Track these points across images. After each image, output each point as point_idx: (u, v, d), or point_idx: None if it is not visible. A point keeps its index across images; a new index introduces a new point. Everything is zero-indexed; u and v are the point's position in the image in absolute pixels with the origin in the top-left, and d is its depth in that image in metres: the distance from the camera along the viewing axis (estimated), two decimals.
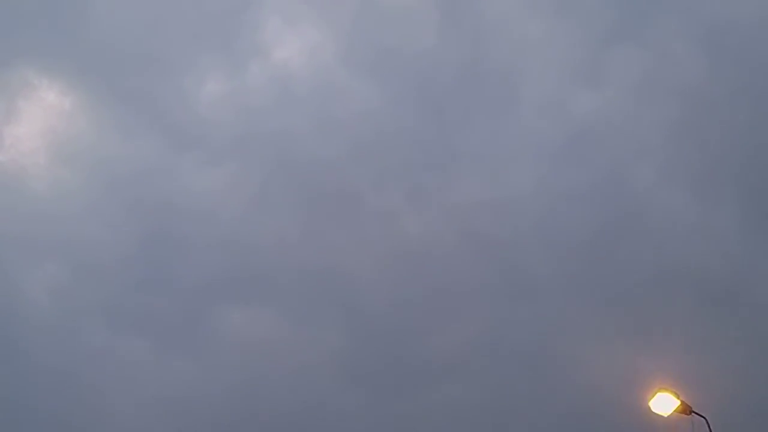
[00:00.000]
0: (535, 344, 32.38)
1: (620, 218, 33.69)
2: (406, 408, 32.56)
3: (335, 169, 36.13)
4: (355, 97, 36.64)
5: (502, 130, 36.34)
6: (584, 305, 32.92)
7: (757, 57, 33.19)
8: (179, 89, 37.17)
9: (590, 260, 33.31)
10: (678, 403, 14.72)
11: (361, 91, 36.76)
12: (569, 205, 34.16)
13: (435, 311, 34.35)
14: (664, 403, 14.92)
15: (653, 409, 15.24)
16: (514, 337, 32.71)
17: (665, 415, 15.16)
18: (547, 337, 32.52)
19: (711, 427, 14.82)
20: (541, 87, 36.42)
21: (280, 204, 36.65)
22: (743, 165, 33.17)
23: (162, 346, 35.45)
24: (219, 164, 36.74)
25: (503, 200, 34.83)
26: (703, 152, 34.28)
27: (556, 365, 31.43)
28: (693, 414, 14.87)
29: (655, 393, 15.06)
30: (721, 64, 34.31)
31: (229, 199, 36.43)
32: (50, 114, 36.54)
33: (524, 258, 33.92)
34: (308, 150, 36.60)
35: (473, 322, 33.58)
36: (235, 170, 36.81)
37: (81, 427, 32.21)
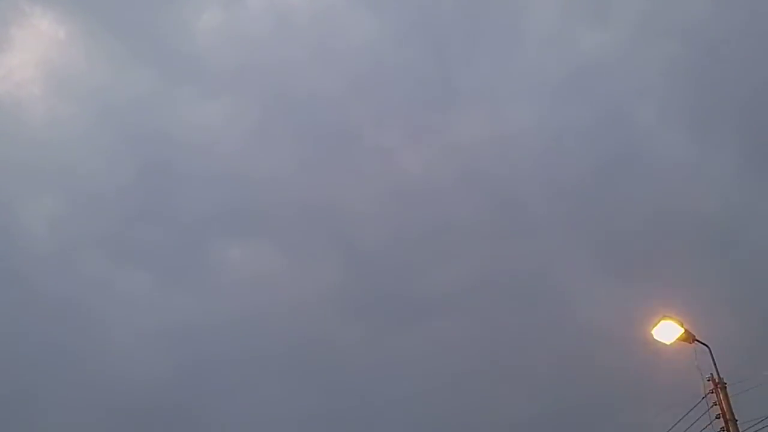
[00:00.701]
0: (531, 280, 32.18)
1: (620, 156, 33.20)
2: (403, 341, 32.52)
3: (334, 104, 35.36)
4: (355, 30, 35.63)
5: (503, 67, 35.51)
6: (581, 242, 32.69)
7: None
8: (176, 19, 36.16)
9: (589, 198, 32.93)
10: (681, 331, 14.35)
11: (362, 25, 35.77)
12: (569, 143, 33.67)
13: (433, 247, 34.10)
14: (667, 331, 14.43)
15: (656, 337, 14.79)
16: (511, 272, 32.46)
17: (668, 343, 14.82)
18: (544, 273, 32.33)
19: (713, 356, 14.54)
20: (544, 23, 35.51)
21: (278, 138, 35.99)
22: (743, 107, 32.64)
23: (161, 278, 35.21)
24: (216, 96, 35.89)
25: (503, 137, 34.21)
26: (704, 93, 33.62)
27: (553, 300, 31.34)
28: (696, 342, 14.54)
29: (659, 321, 14.68)
30: (724, 3, 33.48)
31: (227, 132, 35.72)
32: (44, 43, 35.52)
33: (523, 195, 33.53)
34: (307, 84, 35.75)
35: (470, 258, 33.35)
36: (232, 103, 35.99)
37: (81, 357, 32.13)
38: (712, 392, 14.28)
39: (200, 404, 30.75)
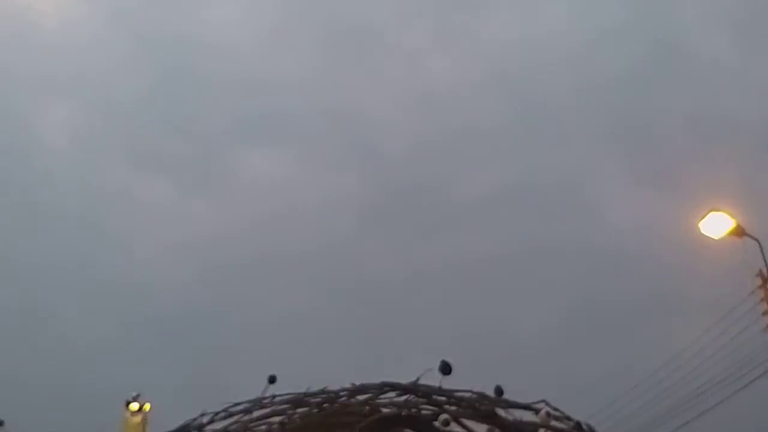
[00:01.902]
0: (561, 187, 31.53)
1: (657, 59, 31.78)
2: (426, 250, 32.23)
3: (357, 1, 34.10)
4: None
5: None
6: (615, 148, 31.84)
7: None
8: None
9: (624, 102, 31.83)
10: (732, 224, 13.74)
11: None
12: (604, 44, 32.16)
13: (459, 155, 33.35)
14: (716, 225, 13.98)
15: (703, 231, 14.29)
16: (540, 180, 31.81)
17: (716, 238, 14.25)
18: (575, 180, 31.65)
19: (764, 251, 13.97)
20: None
21: (298, 41, 34.94)
22: None
23: (181, 186, 35.01)
24: None
25: (535, 38, 32.86)
26: None
27: (585, 210, 30.73)
28: (746, 237, 13.94)
29: (707, 213, 14.11)
30: None
31: (245, 35, 34.68)
32: None
33: (554, 100, 32.31)
34: None
35: (497, 166, 32.60)
36: (249, 2, 34.88)
37: (101, 266, 32.25)
38: (761, 287, 13.88)
39: (222, 311, 30.91)
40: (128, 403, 13.95)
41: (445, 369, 4.91)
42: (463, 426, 5.09)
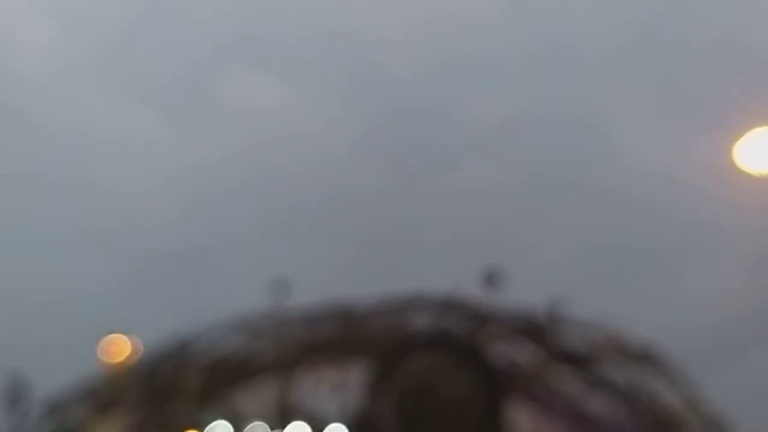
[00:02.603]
0: (582, 124, 31.06)
1: None
2: (433, 189, 31.91)
3: None
4: None
5: None
6: (642, 81, 31.19)
7: None
8: None
9: (652, 28, 31.14)
10: None
11: None
12: None
13: (469, 83, 32.61)
14: (761, 150, 11.98)
15: (740, 163, 12.07)
16: (559, 115, 31.27)
17: (756, 174, 12.05)
18: (597, 117, 31.12)
19: None
20: None
21: None
22: None
23: (165, 114, 34.41)
24: None
25: None
26: None
27: (607, 147, 30.30)
28: None
29: (749, 131, 11.67)
30: None
31: None
32: None
33: (577, 25, 31.60)
34: None
35: (512, 97, 31.94)
36: None
37: (82, 197, 31.99)
38: None
39: (219, 251, 30.73)
40: (108, 336, 13.27)
41: (491, 278, 4.25)
42: (507, 347, 4.55)
